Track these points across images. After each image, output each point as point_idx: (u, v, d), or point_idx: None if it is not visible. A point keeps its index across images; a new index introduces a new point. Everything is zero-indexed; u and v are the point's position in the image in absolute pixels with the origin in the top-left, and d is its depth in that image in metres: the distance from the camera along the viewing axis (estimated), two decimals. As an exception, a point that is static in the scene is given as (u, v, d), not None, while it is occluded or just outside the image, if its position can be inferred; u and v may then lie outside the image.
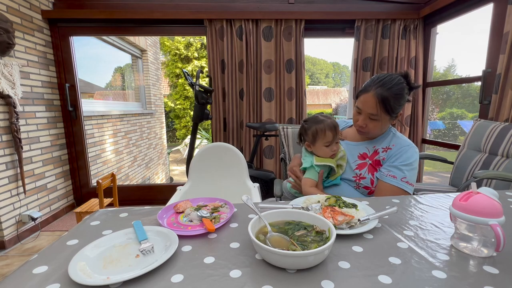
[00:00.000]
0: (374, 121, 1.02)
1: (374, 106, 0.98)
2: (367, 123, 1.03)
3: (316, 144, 1.06)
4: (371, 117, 1.01)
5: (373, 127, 1.03)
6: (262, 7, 2.71)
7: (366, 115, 1.02)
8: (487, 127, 1.84)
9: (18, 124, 2.20)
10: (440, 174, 7.23)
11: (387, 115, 1.01)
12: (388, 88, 0.98)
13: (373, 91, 0.99)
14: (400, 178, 0.98)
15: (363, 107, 1.01)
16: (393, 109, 0.99)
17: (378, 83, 0.99)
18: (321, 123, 1.04)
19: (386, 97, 0.97)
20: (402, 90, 0.99)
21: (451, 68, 12.42)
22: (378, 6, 2.75)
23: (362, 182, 1.06)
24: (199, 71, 2.45)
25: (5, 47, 2.08)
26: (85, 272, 0.50)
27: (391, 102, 0.97)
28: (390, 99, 0.97)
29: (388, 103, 0.97)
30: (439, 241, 0.62)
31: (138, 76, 5.28)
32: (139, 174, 4.96)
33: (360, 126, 1.05)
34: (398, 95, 0.98)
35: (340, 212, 0.70)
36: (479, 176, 1.49)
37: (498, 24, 2.02)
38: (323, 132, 1.03)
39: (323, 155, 1.07)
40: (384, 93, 0.97)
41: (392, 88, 0.98)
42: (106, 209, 0.83)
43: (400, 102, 1.00)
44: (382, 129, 1.06)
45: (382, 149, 1.07)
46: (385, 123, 1.03)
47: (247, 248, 0.59)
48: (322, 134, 1.04)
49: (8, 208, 2.18)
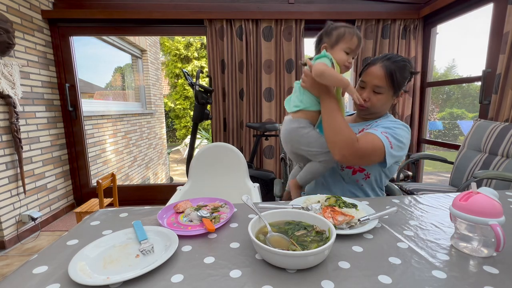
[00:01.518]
0: (378, 94, 1.01)
1: (381, 77, 0.99)
2: (371, 97, 1.02)
3: (338, 46, 0.98)
4: (376, 90, 1.01)
5: (376, 101, 1.02)
6: (262, 7, 2.71)
7: (371, 87, 1.02)
8: (487, 127, 1.84)
9: (18, 124, 2.20)
10: (440, 174, 7.23)
11: (392, 89, 1.01)
12: (394, 61, 1.00)
13: (380, 63, 1.00)
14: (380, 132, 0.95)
15: (369, 79, 1.01)
16: (398, 82, 0.99)
17: (385, 57, 1.02)
18: (351, 28, 0.99)
19: (393, 69, 0.98)
20: (406, 66, 1.01)
21: (451, 68, 12.44)
22: (378, 6, 2.75)
23: None
24: (199, 71, 2.45)
25: (5, 47, 2.08)
26: (85, 272, 0.50)
27: (397, 74, 0.98)
28: (396, 71, 0.98)
29: (395, 75, 0.98)
30: (439, 241, 0.62)
31: (138, 76, 5.28)
32: (139, 174, 4.96)
33: (364, 100, 1.03)
34: (403, 69, 1.00)
35: (340, 212, 0.70)
36: (479, 176, 1.49)
37: (498, 24, 2.02)
38: (351, 36, 0.97)
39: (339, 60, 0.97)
40: (391, 65, 0.99)
41: (397, 62, 1.00)
42: (106, 209, 0.83)
43: (405, 76, 1.01)
44: (384, 106, 1.04)
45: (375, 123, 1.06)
46: (388, 99, 1.03)
47: (247, 248, 0.59)
48: (349, 37, 0.97)
49: (8, 208, 2.18)
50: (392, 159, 0.95)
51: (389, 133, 0.95)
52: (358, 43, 0.98)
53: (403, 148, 0.97)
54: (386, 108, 1.06)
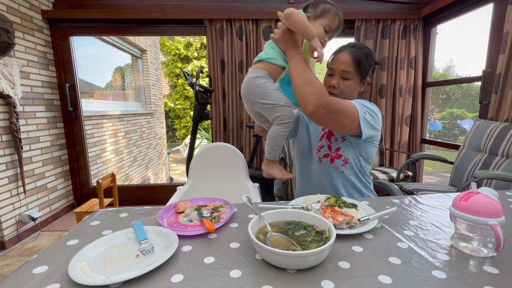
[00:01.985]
0: (347, 80, 1.03)
1: (349, 62, 1.02)
2: (339, 83, 1.04)
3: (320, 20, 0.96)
4: (344, 75, 1.03)
5: (345, 87, 1.04)
6: (262, 7, 2.71)
7: (339, 74, 1.04)
8: (487, 127, 1.84)
9: (18, 124, 2.20)
10: (440, 174, 7.23)
11: (358, 74, 1.04)
12: (359, 48, 1.04)
13: (347, 50, 1.04)
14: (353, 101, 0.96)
15: (337, 65, 1.04)
16: (365, 68, 1.03)
17: (350, 45, 1.05)
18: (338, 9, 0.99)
19: (359, 55, 1.02)
20: (371, 54, 1.05)
21: (451, 68, 12.43)
22: (378, 6, 2.75)
23: (321, 151, 1.09)
24: (199, 71, 2.45)
25: (5, 47, 2.08)
26: (85, 272, 0.50)
27: (364, 60, 1.02)
28: (362, 57, 1.02)
29: (361, 61, 1.02)
30: (439, 241, 0.62)
31: (138, 76, 5.28)
32: (139, 174, 4.96)
33: (333, 87, 1.05)
34: (368, 56, 1.04)
35: (340, 212, 0.70)
36: (479, 176, 1.49)
37: (498, 24, 2.02)
38: (335, 15, 0.96)
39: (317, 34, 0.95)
40: (357, 52, 1.03)
41: (362, 49, 1.04)
42: (106, 209, 0.83)
43: (370, 63, 1.04)
44: (351, 92, 1.06)
45: None
46: (355, 85, 1.05)
47: (247, 248, 0.59)
48: (333, 15, 0.96)
49: (8, 208, 2.18)
50: (367, 127, 0.93)
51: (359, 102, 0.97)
52: (338, 25, 0.98)
53: (375, 120, 0.96)
54: (354, 94, 1.08)
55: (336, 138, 1.06)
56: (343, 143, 1.05)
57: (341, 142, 1.06)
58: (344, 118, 0.91)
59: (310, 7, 0.99)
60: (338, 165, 1.06)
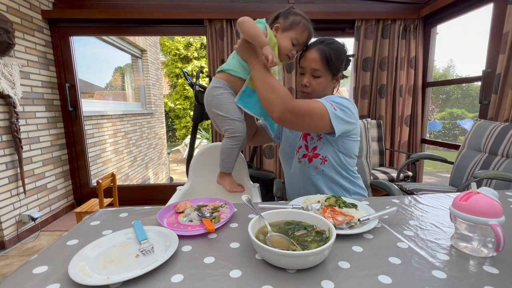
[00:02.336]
0: (318, 78, 1.02)
1: (317, 60, 1.00)
2: (311, 81, 1.03)
3: (287, 32, 0.96)
4: (315, 73, 1.02)
5: (316, 85, 1.03)
6: (262, 7, 2.71)
7: (310, 72, 1.03)
8: (487, 127, 1.84)
9: (18, 124, 2.20)
10: (440, 174, 7.23)
11: (329, 71, 1.02)
12: (328, 44, 1.01)
13: (315, 48, 1.02)
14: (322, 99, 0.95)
15: (307, 64, 1.02)
16: (334, 64, 1.01)
17: (318, 41, 1.03)
18: (307, 21, 0.99)
19: (327, 51, 1.00)
20: (340, 49, 1.03)
21: (451, 68, 12.44)
22: (378, 6, 2.75)
23: (300, 151, 1.08)
24: (199, 71, 2.45)
25: (5, 47, 2.08)
26: (85, 272, 0.50)
27: (333, 57, 1.00)
28: (331, 53, 1.00)
29: (330, 58, 0.99)
30: (439, 241, 0.62)
31: (138, 76, 5.28)
32: (139, 174, 4.96)
33: (304, 86, 1.04)
34: (338, 52, 1.01)
35: (340, 212, 0.70)
36: (479, 176, 1.49)
37: (498, 24, 2.02)
38: (303, 29, 0.96)
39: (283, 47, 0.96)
40: (326, 48, 1.00)
41: (331, 44, 1.01)
42: (106, 209, 0.83)
43: (341, 58, 1.02)
44: (324, 89, 1.05)
45: None
46: (327, 82, 1.04)
47: (247, 248, 0.59)
48: (301, 30, 0.96)
49: (8, 208, 2.18)
50: (340, 123, 0.93)
51: (330, 100, 0.95)
52: (307, 39, 0.98)
53: (348, 114, 0.95)
54: (328, 91, 1.07)
55: (312, 137, 1.06)
56: (319, 142, 1.04)
57: (317, 141, 1.05)
58: (313, 118, 0.91)
59: (280, 17, 0.99)
60: (317, 164, 1.05)
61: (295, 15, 0.98)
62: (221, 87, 0.97)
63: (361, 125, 1.44)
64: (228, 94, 0.97)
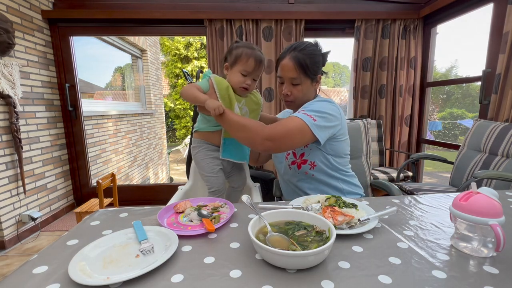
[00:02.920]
0: (297, 86, 1.03)
1: (292, 69, 1.00)
2: (291, 90, 1.04)
3: (235, 67, 1.00)
4: (293, 82, 1.02)
5: (297, 92, 1.03)
6: (262, 7, 2.71)
7: (288, 81, 1.03)
8: (487, 127, 1.84)
9: (18, 124, 2.20)
10: (440, 174, 7.23)
11: (307, 77, 1.02)
12: (300, 50, 1.01)
13: (288, 56, 1.02)
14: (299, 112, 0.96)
15: (283, 73, 1.03)
16: (310, 69, 1.01)
17: (291, 48, 1.03)
18: (250, 48, 1.00)
19: (301, 57, 1.00)
20: (314, 51, 1.03)
21: (453, 68, 12.44)
22: (378, 6, 2.75)
23: (288, 158, 1.09)
24: (199, 71, 2.45)
25: (5, 47, 2.08)
26: (85, 272, 0.50)
27: (307, 62, 1.00)
28: (305, 59, 1.00)
29: (304, 63, 0.99)
30: (439, 241, 0.62)
31: (138, 76, 5.28)
32: (139, 174, 4.96)
33: (286, 95, 1.05)
34: (312, 55, 1.01)
35: (340, 212, 0.70)
36: (479, 176, 1.49)
37: (498, 24, 2.02)
38: (247, 58, 0.98)
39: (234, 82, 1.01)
40: (299, 55, 1.00)
41: (304, 50, 1.01)
42: (106, 209, 0.83)
43: (316, 61, 1.02)
44: (306, 94, 1.05)
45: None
46: (307, 87, 1.04)
47: (247, 248, 0.59)
48: (245, 59, 0.98)
49: (8, 208, 2.18)
50: (322, 132, 0.94)
51: (308, 110, 0.96)
52: (255, 66, 0.99)
53: (329, 118, 0.96)
54: (310, 96, 1.07)
55: None
56: (306, 148, 1.05)
57: (304, 147, 1.05)
58: (294, 136, 0.92)
59: (227, 55, 1.04)
60: (306, 169, 1.06)
61: (236, 48, 1.01)
62: (196, 146, 1.09)
63: (361, 125, 1.44)
64: (202, 152, 1.07)
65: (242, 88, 1.01)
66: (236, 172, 1.19)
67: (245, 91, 1.03)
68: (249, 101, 1.09)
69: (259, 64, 1.00)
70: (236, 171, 1.18)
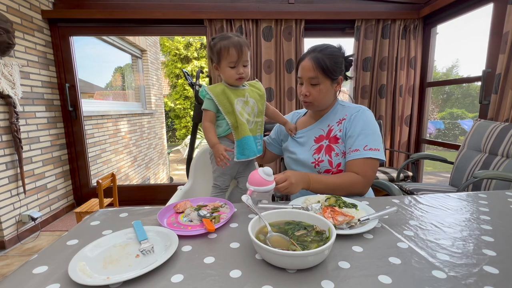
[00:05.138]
0: (316, 86, 1.03)
1: (311, 69, 1.01)
2: (310, 90, 1.04)
3: (221, 64, 1.00)
4: (312, 82, 1.03)
5: (316, 93, 1.03)
6: (262, 7, 2.71)
7: (307, 81, 1.03)
8: (487, 127, 1.84)
9: (18, 124, 2.20)
10: (440, 174, 7.23)
11: (327, 77, 1.02)
12: (320, 50, 1.02)
13: (308, 56, 1.03)
14: (362, 148, 0.98)
15: (303, 73, 1.04)
16: (330, 69, 1.01)
17: (311, 50, 1.04)
18: (226, 39, 0.98)
19: (321, 58, 1.00)
20: (335, 52, 1.03)
21: (453, 68, 12.44)
22: (378, 6, 2.75)
23: (321, 165, 1.07)
24: (199, 71, 2.45)
25: (5, 47, 2.08)
26: (85, 272, 0.50)
27: (327, 62, 1.00)
28: (325, 59, 1.00)
29: (324, 63, 1.00)
30: (439, 241, 0.62)
31: (138, 76, 5.28)
32: (139, 174, 4.96)
33: (304, 95, 1.05)
34: (332, 56, 1.02)
35: (340, 212, 0.70)
36: (479, 176, 1.49)
37: (498, 24, 2.02)
38: (227, 50, 0.97)
39: (227, 78, 1.01)
40: (318, 55, 1.01)
41: (324, 50, 1.02)
42: (106, 209, 0.83)
43: (336, 61, 1.02)
44: (326, 96, 1.05)
45: (336, 123, 1.07)
46: (326, 88, 1.04)
47: (247, 248, 0.59)
48: (226, 53, 0.97)
49: (8, 208, 2.18)
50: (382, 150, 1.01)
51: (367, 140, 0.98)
52: (238, 53, 0.99)
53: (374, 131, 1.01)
54: (329, 97, 1.07)
55: (337, 153, 1.04)
56: (343, 159, 1.04)
57: (341, 157, 1.04)
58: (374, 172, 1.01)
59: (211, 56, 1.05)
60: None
61: (214, 46, 1.01)
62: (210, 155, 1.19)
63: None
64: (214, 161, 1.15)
65: (238, 79, 1.02)
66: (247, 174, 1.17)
67: (242, 80, 1.03)
68: (252, 92, 1.09)
69: (240, 50, 0.99)
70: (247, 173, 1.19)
